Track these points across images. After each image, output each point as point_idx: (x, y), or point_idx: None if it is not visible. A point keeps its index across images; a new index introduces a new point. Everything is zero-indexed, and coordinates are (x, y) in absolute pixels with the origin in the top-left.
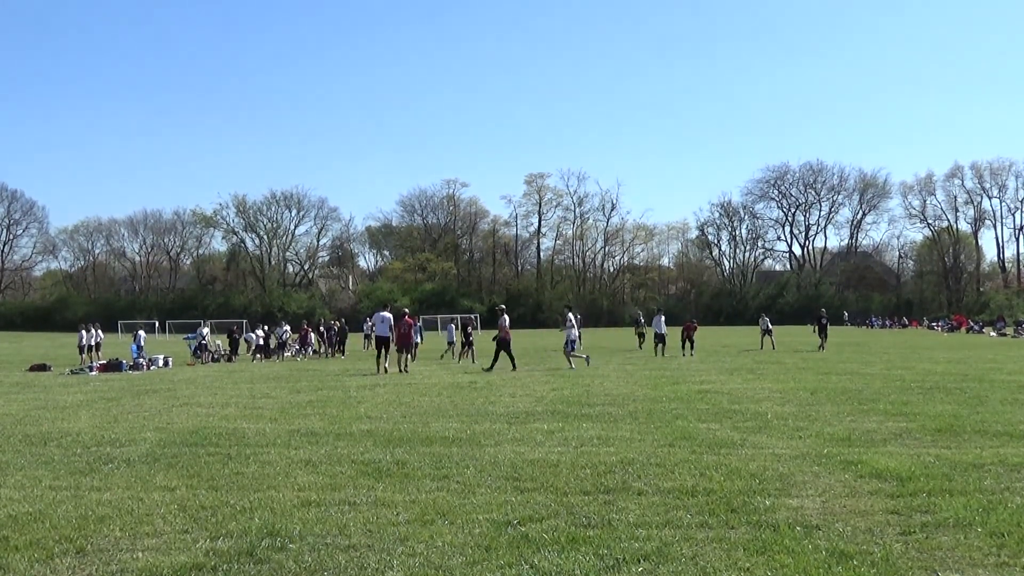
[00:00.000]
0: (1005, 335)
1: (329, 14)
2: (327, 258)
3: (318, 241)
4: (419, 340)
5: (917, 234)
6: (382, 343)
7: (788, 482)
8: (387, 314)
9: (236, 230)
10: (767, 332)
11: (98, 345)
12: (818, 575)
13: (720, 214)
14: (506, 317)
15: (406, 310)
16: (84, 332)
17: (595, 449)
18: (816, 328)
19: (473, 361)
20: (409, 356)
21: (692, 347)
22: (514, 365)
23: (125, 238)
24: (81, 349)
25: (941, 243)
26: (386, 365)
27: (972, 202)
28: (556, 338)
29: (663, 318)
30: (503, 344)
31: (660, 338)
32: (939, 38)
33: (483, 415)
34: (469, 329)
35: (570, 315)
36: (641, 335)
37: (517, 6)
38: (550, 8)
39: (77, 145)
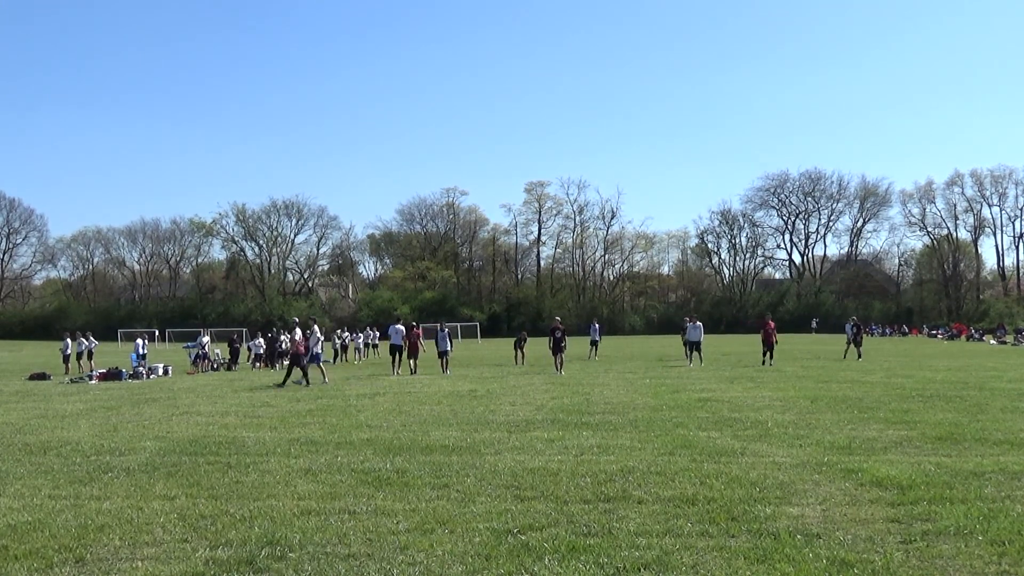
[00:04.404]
0: (1005, 343)
1: (329, 23)
2: (327, 267)
3: (318, 250)
4: (450, 348)
5: (917, 242)
6: (396, 350)
7: (788, 490)
8: (400, 327)
9: (236, 239)
10: (854, 341)
11: (90, 353)
12: None
13: (720, 222)
14: (299, 331)
15: (414, 322)
16: (69, 340)
17: (595, 458)
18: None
19: (558, 370)
20: (416, 363)
21: (772, 355)
22: (307, 381)
23: (124, 247)
24: (65, 358)
25: (941, 251)
26: (398, 370)
27: (972, 210)
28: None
29: (700, 326)
30: (294, 358)
31: (695, 346)
32: (939, 46)
33: (483, 424)
34: (558, 335)
35: (316, 327)
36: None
37: (518, 15)
38: (550, 17)
39: (75, 154)
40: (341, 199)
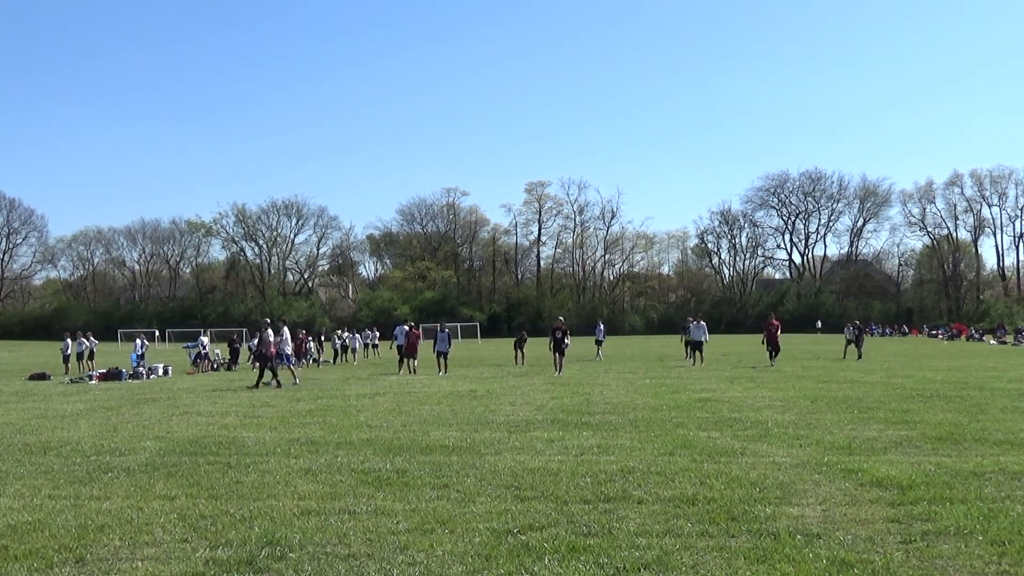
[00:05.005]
0: (1005, 343)
1: (329, 23)
2: (327, 267)
3: (318, 250)
4: (448, 349)
5: (917, 242)
6: (402, 350)
7: (789, 490)
8: (406, 327)
9: (236, 239)
10: (854, 341)
11: (91, 353)
12: None
13: (720, 222)
14: (271, 332)
15: (412, 323)
16: (69, 341)
17: (595, 458)
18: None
19: (558, 370)
20: (415, 363)
21: (776, 353)
22: (257, 383)
23: (124, 247)
24: (65, 359)
25: (941, 251)
26: (402, 369)
27: (972, 210)
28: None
29: (704, 326)
30: (262, 359)
31: (697, 346)
32: (939, 46)
33: (483, 424)
34: (559, 335)
35: (285, 329)
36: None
37: (518, 15)
38: (551, 17)
39: (75, 154)
40: (341, 199)
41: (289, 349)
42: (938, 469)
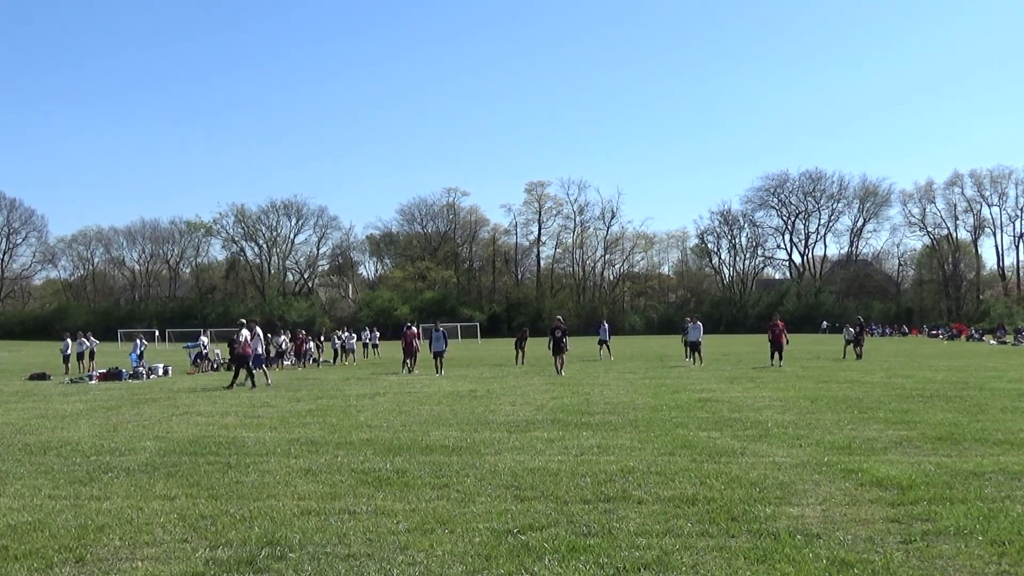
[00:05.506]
0: (1005, 343)
1: (329, 23)
2: (327, 267)
3: (318, 250)
4: (444, 348)
5: (917, 242)
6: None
7: (789, 490)
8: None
9: (235, 239)
10: (853, 342)
11: (92, 353)
12: None
13: (720, 222)
14: (246, 332)
15: (409, 323)
16: (69, 341)
17: (595, 458)
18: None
19: (559, 371)
20: (413, 363)
21: (781, 356)
22: (253, 383)
23: (124, 247)
24: (65, 359)
25: (941, 251)
26: (405, 368)
27: (972, 210)
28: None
29: (700, 326)
30: (240, 359)
31: (694, 346)
32: (939, 46)
33: (483, 424)
34: (558, 334)
35: (257, 329)
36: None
37: (518, 15)
38: (550, 17)
39: (75, 154)
40: (341, 199)
41: (260, 349)
42: (938, 469)
